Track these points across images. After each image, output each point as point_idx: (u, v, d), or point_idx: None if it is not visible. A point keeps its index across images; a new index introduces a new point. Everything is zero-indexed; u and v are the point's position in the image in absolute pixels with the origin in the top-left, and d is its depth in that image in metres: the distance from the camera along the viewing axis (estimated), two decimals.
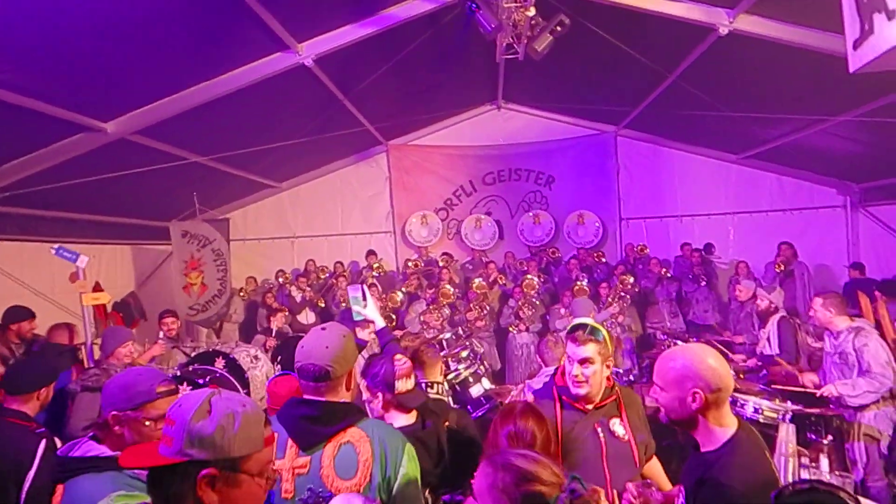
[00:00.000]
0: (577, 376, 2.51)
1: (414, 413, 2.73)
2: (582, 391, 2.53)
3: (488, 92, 10.15)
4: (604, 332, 2.59)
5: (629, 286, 8.15)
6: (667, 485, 2.70)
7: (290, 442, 2.01)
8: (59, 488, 1.87)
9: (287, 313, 8.69)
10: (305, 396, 2.08)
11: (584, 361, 2.51)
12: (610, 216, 10.73)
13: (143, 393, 1.97)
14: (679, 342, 6.71)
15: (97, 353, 5.40)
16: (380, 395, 2.72)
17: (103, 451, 1.92)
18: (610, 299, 7.87)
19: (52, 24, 3.94)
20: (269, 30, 5.12)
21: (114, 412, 1.95)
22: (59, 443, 2.96)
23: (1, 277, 6.37)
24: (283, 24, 5.17)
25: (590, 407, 2.56)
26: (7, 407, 2.99)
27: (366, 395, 2.77)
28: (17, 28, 3.83)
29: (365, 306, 3.15)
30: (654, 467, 2.78)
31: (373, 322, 4.53)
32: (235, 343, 6.39)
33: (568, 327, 2.67)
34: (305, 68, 5.93)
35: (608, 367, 2.58)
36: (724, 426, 1.93)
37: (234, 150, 7.20)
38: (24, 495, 2.75)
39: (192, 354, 5.62)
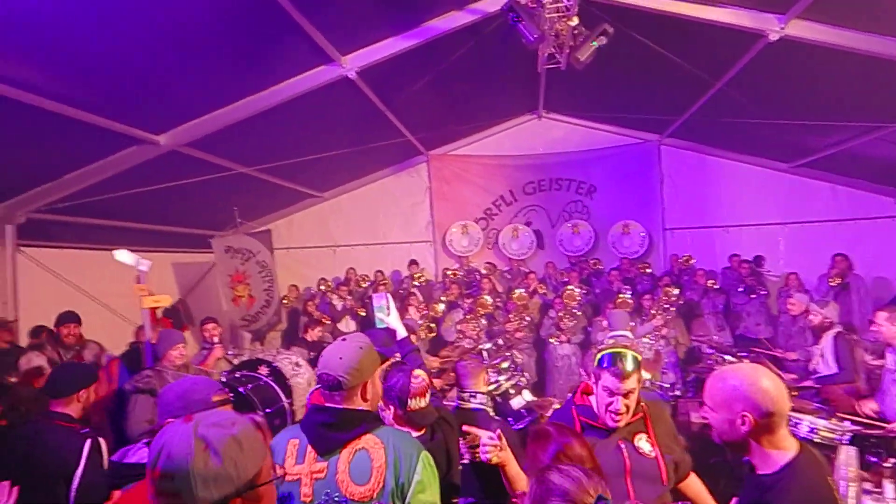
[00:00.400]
0: (618, 410, 2.43)
1: (423, 428, 2.74)
2: (620, 423, 2.46)
3: (529, 101, 10.12)
4: (638, 357, 2.52)
5: (674, 298, 7.94)
6: (708, 502, 2.59)
7: (309, 448, 2.05)
8: (115, 494, 1.92)
9: (326, 323, 8.83)
10: (325, 404, 2.13)
11: (627, 394, 2.44)
12: (654, 226, 10.53)
13: (200, 402, 2.00)
14: (726, 356, 6.49)
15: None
16: (392, 407, 2.74)
17: None
18: (653, 311, 7.69)
19: (110, 42, 4.13)
20: (314, 43, 5.24)
21: (170, 420, 2.00)
22: (103, 443, 3.06)
23: (60, 283, 6.66)
24: (327, 37, 5.28)
25: (614, 428, 2.50)
26: (52, 410, 3.12)
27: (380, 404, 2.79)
28: (80, 47, 4.03)
29: (388, 314, 3.19)
30: (693, 485, 2.67)
31: (410, 327, 4.60)
32: (277, 350, 6.48)
33: (600, 355, 2.56)
34: (349, 80, 6.04)
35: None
36: (780, 449, 1.83)
37: (278, 161, 7.38)
38: (73, 493, 2.86)
39: (235, 362, 5.73)
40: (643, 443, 2.47)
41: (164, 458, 1.23)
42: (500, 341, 7.34)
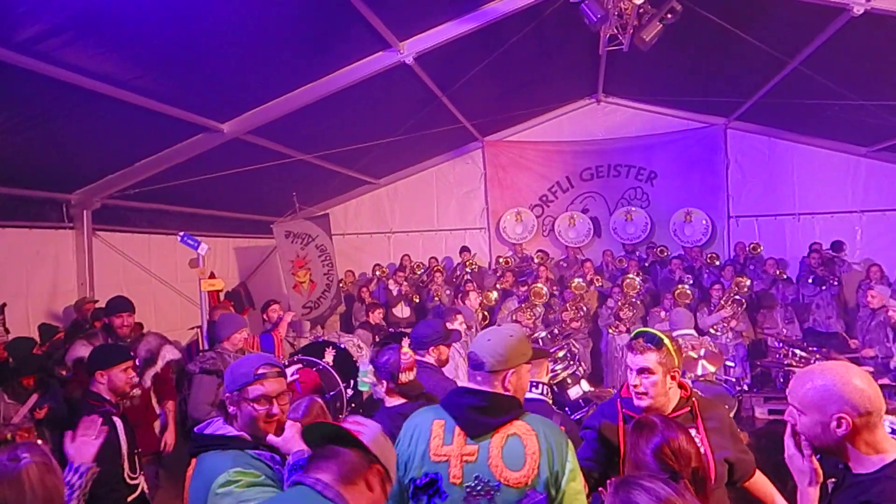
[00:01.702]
0: (636, 386, 2.40)
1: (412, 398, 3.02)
2: (643, 403, 2.40)
3: (588, 85, 9.86)
4: (667, 341, 2.42)
5: (744, 289, 7.61)
6: (774, 499, 2.46)
7: (457, 429, 2.08)
8: (193, 461, 2.07)
9: (382, 308, 8.96)
10: (469, 385, 2.18)
11: (642, 371, 2.40)
12: (718, 214, 10.11)
13: (244, 375, 2.09)
14: (796, 351, 6.21)
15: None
16: (384, 381, 3.07)
17: (229, 430, 2.06)
18: (723, 302, 7.39)
19: (178, 34, 4.25)
20: (373, 29, 5.23)
21: (226, 394, 2.12)
22: (117, 422, 3.17)
23: (131, 266, 6.99)
24: (385, 23, 5.26)
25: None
26: (88, 389, 3.32)
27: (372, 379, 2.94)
28: (151, 39, 4.16)
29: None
30: (760, 484, 2.53)
31: (461, 313, 4.63)
32: (339, 334, 6.63)
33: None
34: (406, 66, 6.01)
35: (673, 377, 2.43)
36: (880, 451, 1.69)
37: (335, 148, 7.46)
38: None
39: (302, 346, 5.91)
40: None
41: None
42: (556, 330, 7.25)
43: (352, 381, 5.23)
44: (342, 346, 5.14)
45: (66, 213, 6.21)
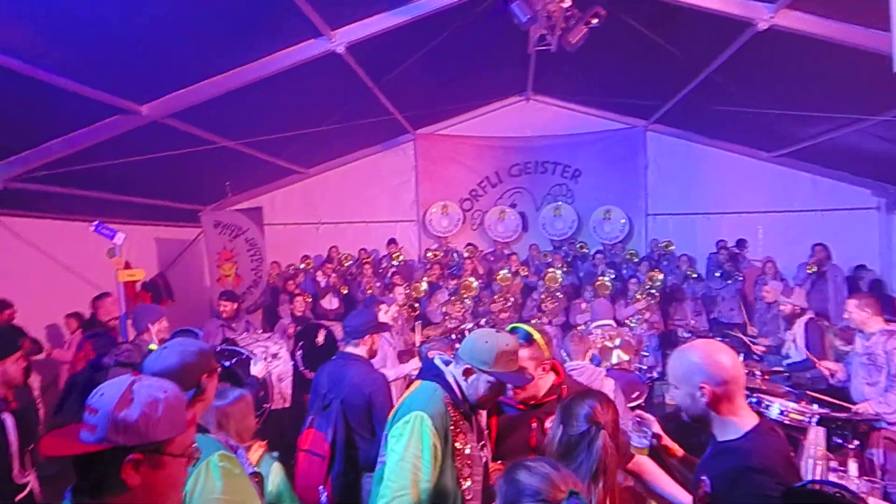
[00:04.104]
0: None
1: None
2: (518, 396, 2.62)
3: (518, 83, 10.08)
4: (536, 335, 2.63)
5: (658, 283, 8.07)
6: (663, 480, 2.60)
7: None
8: None
9: (307, 299, 8.83)
10: None
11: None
12: (636, 212, 10.62)
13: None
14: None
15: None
16: None
17: None
18: (638, 295, 7.81)
19: (91, 7, 4.02)
20: (305, 16, 5.15)
21: None
22: (7, 420, 3.04)
23: (38, 255, 6.56)
24: (317, 10, 5.19)
25: (531, 403, 2.65)
26: None
27: None
28: (58, 11, 3.92)
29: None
30: (642, 464, 2.63)
31: (384, 303, 4.68)
32: (256, 337, 6.43)
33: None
34: (337, 56, 5.95)
35: (544, 369, 2.65)
36: (741, 417, 1.94)
37: (263, 136, 7.27)
38: None
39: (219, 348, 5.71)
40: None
41: (98, 396, 1.43)
42: (484, 322, 7.41)
43: None
44: (245, 356, 4.89)
45: None
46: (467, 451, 2.34)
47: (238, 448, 2.26)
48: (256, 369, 4.26)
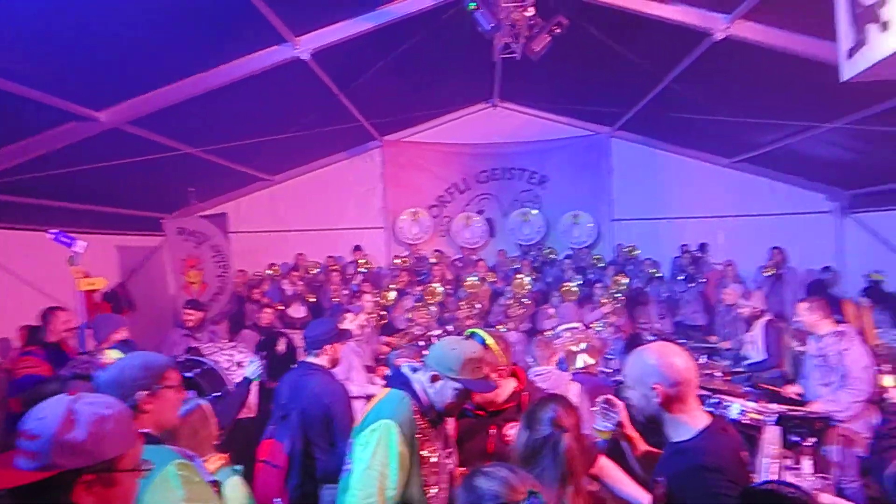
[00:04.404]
0: None
1: None
2: (473, 398, 2.63)
3: (484, 90, 10.16)
4: (490, 341, 2.66)
5: (623, 287, 8.20)
6: (624, 482, 2.59)
7: None
8: None
9: (278, 307, 8.70)
10: None
11: None
12: (602, 217, 10.79)
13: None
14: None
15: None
16: None
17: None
18: (603, 300, 7.92)
19: (45, 11, 3.91)
20: (268, 23, 5.11)
21: None
22: None
23: None
24: (281, 17, 5.16)
25: (491, 409, 2.68)
26: None
27: None
28: (9, 17, 3.80)
29: None
30: (605, 469, 2.65)
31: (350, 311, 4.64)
32: (221, 345, 6.30)
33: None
34: (302, 62, 5.91)
35: (500, 374, 2.68)
36: (693, 417, 2.00)
37: (227, 143, 7.18)
38: None
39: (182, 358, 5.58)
40: (512, 430, 2.58)
41: (35, 421, 1.36)
42: (450, 328, 7.41)
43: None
44: (208, 366, 4.80)
45: None
46: (434, 460, 2.34)
47: (195, 458, 2.20)
48: (250, 370, 4.11)
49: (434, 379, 2.37)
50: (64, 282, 6.27)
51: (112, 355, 3.40)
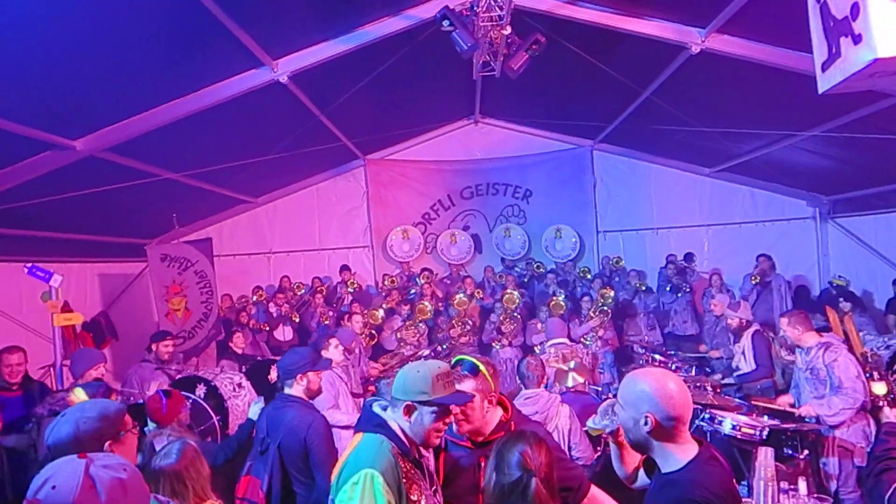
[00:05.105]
0: (456, 414, 2.52)
1: None
2: (464, 427, 2.56)
3: (465, 107, 10.18)
4: (482, 367, 2.60)
5: (609, 300, 8.19)
6: None
7: None
8: None
9: (264, 327, 8.60)
10: None
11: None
12: (587, 229, 10.80)
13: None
14: (656, 355, 6.76)
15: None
16: None
17: None
18: (591, 313, 7.90)
19: (17, 40, 3.85)
20: (244, 47, 5.07)
21: None
22: None
23: None
24: (257, 41, 5.13)
25: (479, 440, 2.58)
26: None
27: None
28: None
29: None
30: (596, 498, 2.61)
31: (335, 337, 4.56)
32: (220, 369, 6.23)
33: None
34: (281, 85, 5.88)
35: (490, 401, 2.60)
36: (682, 447, 1.96)
37: (209, 167, 7.10)
38: None
39: (177, 378, 5.49)
40: None
41: (48, 489, 1.25)
42: (440, 347, 7.35)
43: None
44: (214, 383, 4.82)
45: None
46: (423, 503, 2.25)
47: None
48: (253, 411, 4.00)
49: (408, 411, 2.25)
50: (44, 315, 6.15)
51: (78, 395, 3.28)
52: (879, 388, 3.80)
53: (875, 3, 2.47)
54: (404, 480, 2.16)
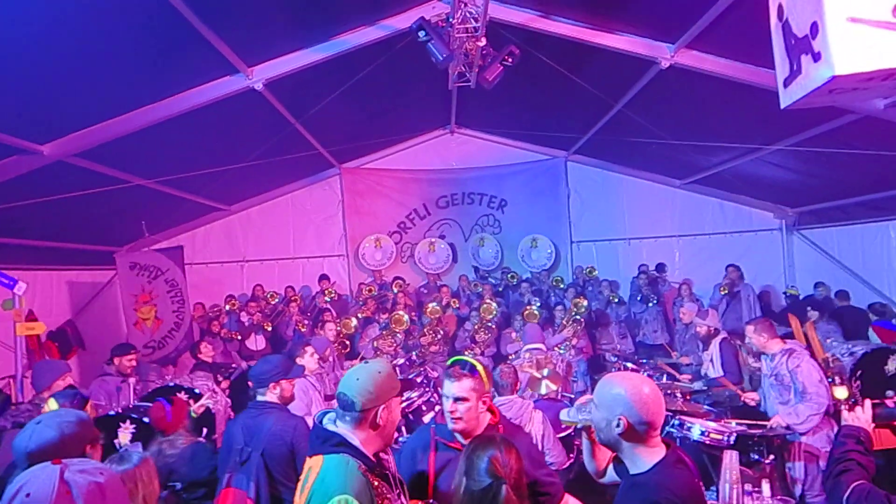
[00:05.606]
0: (453, 413, 2.59)
1: None
2: (458, 427, 2.60)
3: (441, 117, 10.24)
4: (479, 368, 2.66)
5: (583, 309, 8.28)
6: None
7: None
8: None
9: (236, 336, 8.48)
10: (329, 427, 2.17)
11: (458, 399, 2.60)
12: (561, 239, 10.93)
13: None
14: (628, 363, 6.85)
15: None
16: None
17: None
18: (564, 322, 7.97)
19: None
20: (218, 54, 5.06)
21: None
22: None
23: None
24: (232, 48, 5.12)
25: (465, 443, 2.58)
26: None
27: None
28: None
29: None
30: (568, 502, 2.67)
31: (310, 345, 4.53)
32: (193, 376, 6.14)
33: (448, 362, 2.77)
34: (255, 92, 5.86)
35: (484, 402, 2.66)
36: (650, 449, 2.01)
37: (181, 174, 7.02)
38: None
39: (151, 390, 5.36)
40: None
41: (24, 497, 1.22)
42: (414, 356, 7.34)
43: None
44: (196, 391, 4.77)
45: None
46: None
47: None
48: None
49: (387, 410, 2.17)
50: (8, 322, 5.99)
51: (51, 406, 3.21)
52: (840, 393, 3.91)
53: (833, 22, 2.57)
54: (377, 499, 2.06)
